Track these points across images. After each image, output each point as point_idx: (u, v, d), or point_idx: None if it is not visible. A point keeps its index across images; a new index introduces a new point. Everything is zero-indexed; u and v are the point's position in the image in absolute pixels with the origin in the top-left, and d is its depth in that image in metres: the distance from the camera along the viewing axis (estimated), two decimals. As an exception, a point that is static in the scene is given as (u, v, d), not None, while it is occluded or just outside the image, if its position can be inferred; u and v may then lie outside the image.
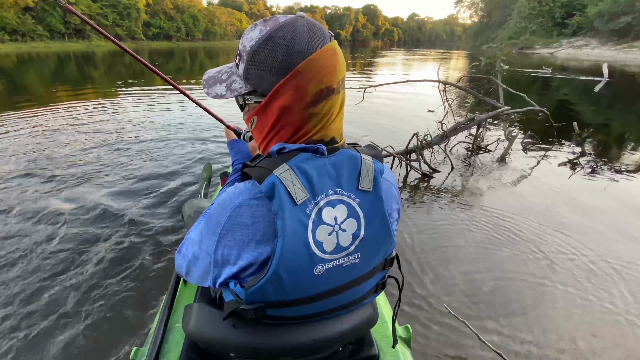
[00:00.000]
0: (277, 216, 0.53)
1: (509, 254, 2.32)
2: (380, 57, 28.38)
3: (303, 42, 0.53)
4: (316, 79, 0.54)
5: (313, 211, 0.55)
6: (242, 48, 0.58)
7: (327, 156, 0.58)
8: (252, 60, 0.57)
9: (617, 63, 22.67)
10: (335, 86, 0.57)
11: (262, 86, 0.57)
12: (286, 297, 0.58)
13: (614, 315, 1.83)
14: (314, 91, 0.55)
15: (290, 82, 0.54)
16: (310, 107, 0.56)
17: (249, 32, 0.58)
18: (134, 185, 3.21)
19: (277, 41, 0.54)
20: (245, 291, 0.57)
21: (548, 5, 44.53)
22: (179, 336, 0.98)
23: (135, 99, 7.80)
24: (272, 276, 0.54)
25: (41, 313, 1.73)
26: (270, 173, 0.54)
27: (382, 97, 8.02)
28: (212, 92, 0.64)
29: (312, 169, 0.56)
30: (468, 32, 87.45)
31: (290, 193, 0.53)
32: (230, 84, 0.62)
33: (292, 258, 0.54)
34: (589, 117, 6.80)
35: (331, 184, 0.57)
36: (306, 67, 0.53)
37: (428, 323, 1.74)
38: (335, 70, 0.56)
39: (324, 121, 0.58)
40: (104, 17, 42.34)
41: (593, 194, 3.29)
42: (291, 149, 0.57)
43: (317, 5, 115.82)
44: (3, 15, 32.21)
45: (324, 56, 0.54)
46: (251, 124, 0.64)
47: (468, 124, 4.05)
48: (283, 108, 0.56)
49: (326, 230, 0.56)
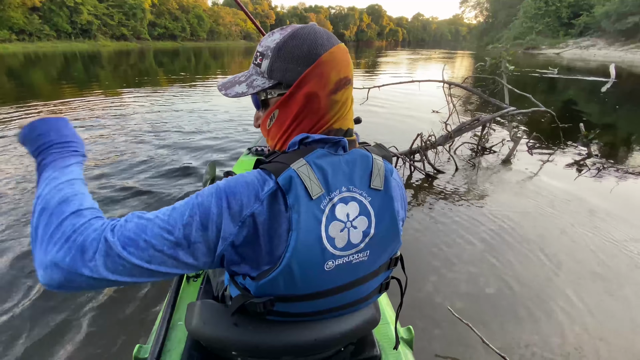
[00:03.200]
0: (293, 210, 0.54)
1: (513, 256, 2.30)
2: (385, 57, 28.32)
3: (324, 39, 0.59)
4: (336, 69, 0.59)
5: (327, 207, 0.56)
6: (263, 49, 0.62)
7: (341, 154, 0.59)
8: (277, 54, 0.59)
9: (624, 64, 22.45)
10: (350, 77, 0.62)
11: (288, 77, 0.59)
12: (295, 291, 0.58)
13: (620, 319, 1.81)
14: (335, 79, 0.59)
15: (316, 70, 0.57)
16: (332, 94, 0.59)
17: (269, 37, 0.62)
18: (137, 185, 3.22)
19: (302, 36, 0.59)
20: (256, 283, 0.57)
21: (554, 5, 44.21)
22: (181, 334, 0.99)
23: (138, 99, 7.85)
24: (284, 269, 0.55)
25: (44, 311, 1.75)
26: (287, 167, 0.55)
27: (387, 98, 8.00)
28: (231, 92, 0.65)
29: (327, 165, 0.57)
30: (473, 32, 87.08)
31: (307, 187, 0.54)
32: (250, 83, 0.64)
33: (305, 252, 0.55)
34: (595, 118, 6.73)
35: (345, 181, 0.58)
36: (329, 57, 0.58)
37: (431, 325, 1.73)
38: (349, 63, 0.62)
39: (343, 110, 0.62)
40: (110, 17, 42.64)
41: (599, 196, 3.26)
42: (314, 138, 0.59)
43: (322, 6, 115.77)
44: (10, 15, 32.55)
45: (341, 51, 0.60)
46: (270, 120, 0.65)
47: (473, 125, 4.03)
48: (309, 95, 0.58)
49: (338, 226, 0.57)
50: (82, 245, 0.47)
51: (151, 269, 0.50)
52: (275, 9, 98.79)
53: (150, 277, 0.51)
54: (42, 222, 0.49)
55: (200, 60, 23.60)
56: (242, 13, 1.52)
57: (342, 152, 0.60)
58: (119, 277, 0.48)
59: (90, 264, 0.47)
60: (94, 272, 0.47)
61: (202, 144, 4.52)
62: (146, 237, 0.49)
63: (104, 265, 0.47)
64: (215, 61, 22.64)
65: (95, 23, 40.78)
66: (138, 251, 0.49)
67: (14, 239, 2.32)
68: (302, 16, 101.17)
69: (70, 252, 0.46)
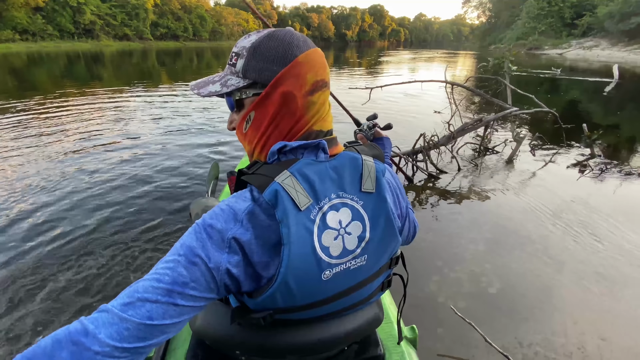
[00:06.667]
0: (282, 224, 0.52)
1: (516, 255, 2.30)
2: (387, 57, 28.29)
3: (300, 41, 0.59)
4: (313, 71, 0.58)
5: (317, 216, 0.55)
6: (238, 50, 0.61)
7: (327, 160, 0.58)
8: (253, 54, 0.59)
9: (627, 64, 22.34)
10: (327, 80, 0.62)
11: (264, 77, 0.58)
12: (294, 303, 0.58)
13: (623, 320, 1.81)
14: (311, 81, 0.58)
15: (292, 70, 0.57)
16: (309, 95, 0.58)
17: (245, 38, 0.61)
18: (141, 184, 3.24)
19: (279, 37, 0.58)
20: (254, 300, 0.56)
21: (557, 6, 44.04)
22: (186, 333, 0.99)
23: (141, 99, 7.88)
24: (281, 284, 0.54)
25: (49, 311, 1.76)
26: (272, 180, 0.53)
27: (389, 98, 8.00)
28: (204, 91, 0.63)
29: (313, 174, 0.56)
30: (475, 32, 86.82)
31: (294, 199, 0.53)
32: (225, 82, 0.62)
33: (300, 265, 0.54)
34: (598, 119, 6.71)
35: (334, 188, 0.57)
36: (305, 59, 0.58)
37: (434, 324, 1.73)
38: (325, 67, 0.61)
39: (321, 111, 0.61)
40: (113, 17, 42.77)
41: (602, 197, 3.25)
42: (293, 146, 0.57)
43: (324, 6, 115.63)
44: (14, 14, 32.69)
45: (317, 54, 0.60)
46: (246, 122, 0.63)
47: (475, 125, 4.02)
48: (285, 95, 0.57)
49: (332, 234, 0.56)
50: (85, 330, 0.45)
51: (155, 325, 0.47)
52: (277, 9, 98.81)
53: (162, 335, 0.48)
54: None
55: (203, 60, 23.65)
56: (244, 13, 1.53)
57: (323, 154, 0.59)
58: (127, 344, 0.45)
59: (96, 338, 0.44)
60: (103, 346, 0.43)
61: (204, 143, 4.53)
62: (139, 295, 0.47)
63: (109, 336, 0.44)
64: (218, 61, 22.66)
65: (98, 23, 40.92)
66: (136, 310, 0.46)
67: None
68: (304, 16, 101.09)
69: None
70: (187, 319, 0.51)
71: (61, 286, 1.91)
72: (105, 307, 0.47)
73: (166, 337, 0.49)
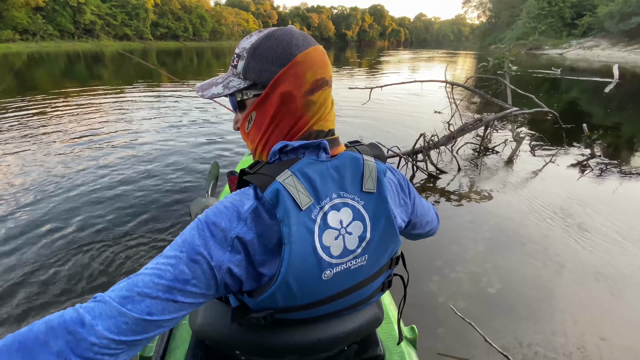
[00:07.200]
0: (283, 223, 0.53)
1: (516, 255, 2.30)
2: (387, 57, 28.29)
3: (299, 40, 0.58)
4: (312, 70, 0.58)
5: (318, 216, 0.55)
6: (239, 51, 0.61)
7: (329, 160, 0.58)
8: (252, 55, 0.59)
9: (627, 64, 22.34)
10: (328, 78, 0.61)
11: (263, 77, 0.59)
12: (295, 302, 0.58)
13: (623, 320, 1.81)
14: (311, 80, 0.58)
15: (291, 70, 0.57)
16: (308, 95, 0.58)
17: (246, 39, 0.62)
18: (141, 184, 3.24)
19: (277, 37, 0.58)
20: (254, 300, 0.57)
21: (557, 6, 44.04)
22: (185, 333, 0.99)
23: (142, 98, 7.88)
24: (281, 284, 0.54)
25: (44, 306, 1.76)
26: (273, 180, 0.54)
27: (389, 98, 7.99)
28: (207, 93, 0.64)
29: (314, 174, 0.56)
30: (476, 32, 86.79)
31: (295, 199, 0.53)
32: (227, 84, 0.63)
33: (300, 264, 0.54)
34: (598, 119, 6.71)
35: (335, 188, 0.57)
36: (304, 58, 0.57)
37: (434, 324, 1.73)
38: (326, 65, 0.61)
39: (322, 111, 0.61)
40: (113, 17, 42.77)
41: (602, 197, 3.25)
42: (294, 146, 0.58)
43: (324, 6, 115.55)
44: (14, 14, 32.68)
45: (317, 52, 0.59)
46: (248, 122, 0.64)
47: (475, 125, 4.02)
48: (284, 95, 0.57)
49: (332, 234, 0.56)
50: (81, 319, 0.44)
51: (154, 320, 0.47)
52: (278, 9, 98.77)
53: (158, 329, 0.49)
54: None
55: (203, 60, 23.64)
56: (245, 13, 1.52)
57: (325, 154, 0.59)
58: (125, 337, 0.45)
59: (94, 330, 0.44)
60: (100, 338, 0.43)
61: (205, 142, 4.53)
62: (139, 290, 0.47)
63: (106, 329, 0.44)
64: (218, 60, 22.66)
65: (98, 23, 40.92)
66: (135, 305, 0.46)
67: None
68: (304, 16, 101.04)
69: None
70: (184, 314, 0.51)
71: (63, 275, 1.94)
72: (102, 297, 0.46)
73: (162, 330, 0.50)
